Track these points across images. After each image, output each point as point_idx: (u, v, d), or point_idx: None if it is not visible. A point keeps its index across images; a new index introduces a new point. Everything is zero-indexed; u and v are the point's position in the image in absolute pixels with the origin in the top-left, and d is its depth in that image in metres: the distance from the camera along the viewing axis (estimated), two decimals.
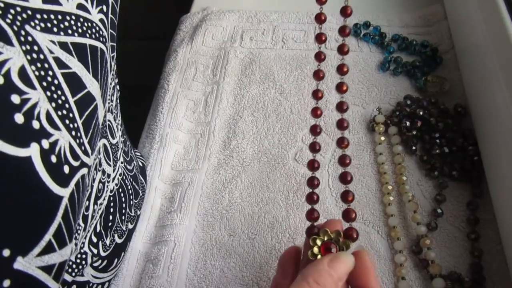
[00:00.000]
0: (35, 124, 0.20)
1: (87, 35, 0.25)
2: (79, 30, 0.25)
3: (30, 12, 0.21)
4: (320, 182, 0.33)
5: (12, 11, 0.20)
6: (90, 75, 0.25)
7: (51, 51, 0.22)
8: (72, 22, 0.24)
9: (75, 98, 0.23)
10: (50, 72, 0.22)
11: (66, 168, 0.22)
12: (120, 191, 0.37)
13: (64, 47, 0.23)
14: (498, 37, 0.40)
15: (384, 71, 0.52)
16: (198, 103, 0.52)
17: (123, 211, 0.38)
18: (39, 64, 0.21)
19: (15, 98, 0.19)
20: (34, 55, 0.21)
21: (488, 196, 0.40)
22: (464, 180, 0.42)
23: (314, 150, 0.36)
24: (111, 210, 0.35)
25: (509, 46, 0.38)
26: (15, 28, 0.20)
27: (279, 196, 0.43)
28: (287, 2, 0.51)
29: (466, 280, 0.36)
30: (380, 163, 0.44)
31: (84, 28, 0.25)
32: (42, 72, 0.21)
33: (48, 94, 0.21)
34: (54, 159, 0.21)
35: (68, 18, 0.24)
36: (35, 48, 0.21)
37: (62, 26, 0.23)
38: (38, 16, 0.22)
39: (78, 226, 0.28)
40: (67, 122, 0.23)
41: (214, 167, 0.46)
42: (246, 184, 0.45)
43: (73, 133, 0.23)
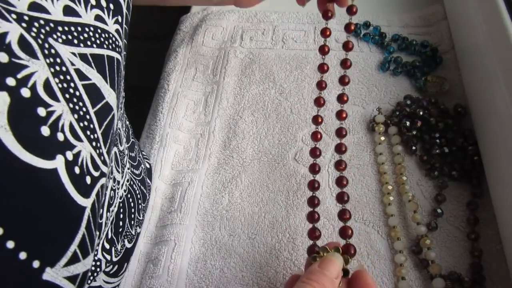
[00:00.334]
0: (60, 136, 0.20)
1: (105, 46, 0.25)
2: (97, 41, 0.25)
3: (52, 24, 0.22)
4: (320, 184, 0.33)
5: (36, 24, 0.20)
6: (108, 85, 0.25)
7: (72, 63, 0.22)
8: (91, 34, 0.24)
9: (95, 109, 0.24)
10: (72, 84, 0.22)
11: (88, 179, 0.22)
12: (129, 196, 0.38)
13: (84, 58, 0.23)
14: (498, 37, 0.40)
15: (384, 71, 0.52)
16: (198, 103, 0.53)
17: (132, 216, 0.39)
18: (62, 77, 0.21)
19: (41, 111, 0.19)
20: (57, 68, 0.21)
21: (488, 196, 0.40)
22: (464, 180, 0.42)
23: (315, 155, 0.37)
24: (121, 216, 0.36)
25: (509, 46, 0.38)
26: (39, 41, 0.20)
27: (279, 196, 0.43)
28: (287, 2, 0.51)
29: (466, 280, 0.36)
30: (380, 163, 0.44)
31: (102, 39, 0.25)
32: (65, 84, 0.21)
33: (71, 106, 0.22)
34: (77, 170, 0.21)
35: (87, 29, 0.24)
36: (58, 60, 0.21)
37: (81, 37, 0.24)
38: (60, 28, 0.22)
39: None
40: (88, 133, 0.23)
41: (214, 167, 0.46)
42: (246, 184, 0.45)
43: (93, 143, 0.23)
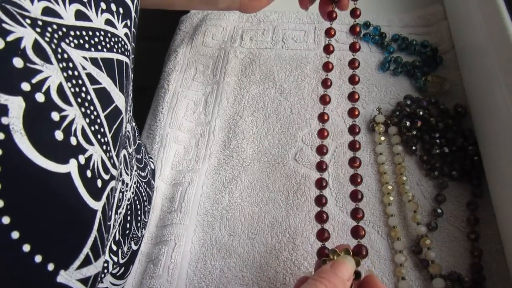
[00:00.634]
0: (73, 140, 0.21)
1: (114, 50, 0.26)
2: (107, 46, 0.25)
3: (65, 29, 0.22)
4: (327, 183, 0.34)
5: (50, 29, 0.20)
6: (117, 89, 0.25)
7: (84, 67, 0.22)
8: (101, 38, 0.25)
9: (105, 113, 0.24)
10: (84, 88, 0.22)
11: (99, 182, 0.23)
12: (136, 198, 0.38)
13: (95, 63, 0.23)
14: (498, 37, 0.40)
15: (384, 71, 0.52)
16: (198, 103, 0.53)
17: (139, 218, 0.39)
18: (74, 81, 0.21)
19: (55, 116, 0.20)
20: (70, 72, 0.21)
21: (488, 196, 0.40)
22: (464, 180, 0.42)
23: (321, 153, 0.36)
24: (128, 218, 0.36)
25: (509, 46, 0.38)
26: (53, 46, 0.20)
27: (279, 196, 0.43)
28: (287, 2, 0.51)
29: (466, 280, 0.36)
30: (380, 163, 0.44)
31: (112, 43, 0.25)
32: (77, 89, 0.22)
33: (83, 110, 0.22)
34: (89, 174, 0.22)
35: (97, 34, 0.24)
36: (70, 65, 0.21)
37: (92, 42, 0.24)
38: (72, 33, 0.22)
39: None
40: (99, 136, 0.23)
41: (214, 167, 0.46)
42: (246, 184, 0.45)
43: (104, 147, 0.23)
